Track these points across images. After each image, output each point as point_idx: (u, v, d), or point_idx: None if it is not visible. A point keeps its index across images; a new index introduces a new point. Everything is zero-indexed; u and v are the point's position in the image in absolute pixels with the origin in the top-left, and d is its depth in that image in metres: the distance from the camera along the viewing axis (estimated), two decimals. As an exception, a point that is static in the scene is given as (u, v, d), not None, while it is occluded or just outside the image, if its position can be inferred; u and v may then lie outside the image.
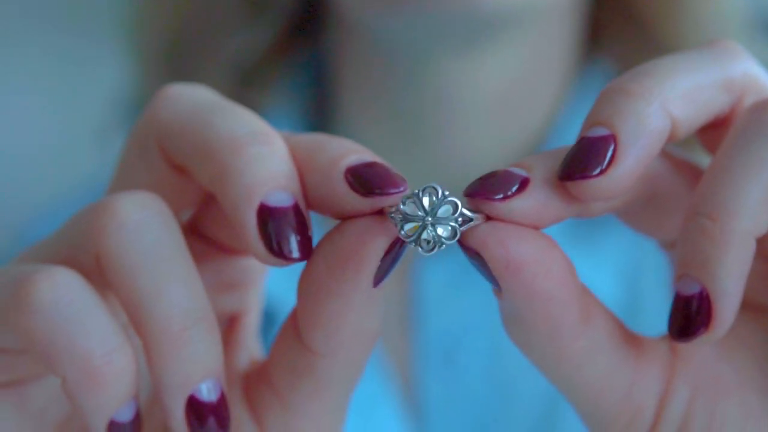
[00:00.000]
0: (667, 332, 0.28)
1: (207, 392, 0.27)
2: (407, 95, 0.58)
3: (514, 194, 0.26)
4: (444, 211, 0.26)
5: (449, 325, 0.57)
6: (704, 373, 0.29)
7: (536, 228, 0.26)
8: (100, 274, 0.27)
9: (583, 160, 0.26)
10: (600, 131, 0.26)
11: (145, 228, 0.27)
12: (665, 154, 0.29)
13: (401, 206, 0.26)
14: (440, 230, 0.26)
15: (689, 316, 0.26)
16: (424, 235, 0.26)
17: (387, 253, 0.26)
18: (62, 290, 0.26)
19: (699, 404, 0.28)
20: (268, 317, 0.52)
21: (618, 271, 0.58)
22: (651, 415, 0.28)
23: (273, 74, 0.63)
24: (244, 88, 0.62)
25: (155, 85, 0.63)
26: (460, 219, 0.26)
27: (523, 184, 0.26)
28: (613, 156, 0.26)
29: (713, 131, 0.29)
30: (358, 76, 0.61)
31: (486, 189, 0.26)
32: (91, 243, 0.27)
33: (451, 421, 0.56)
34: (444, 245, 0.26)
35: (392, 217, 0.26)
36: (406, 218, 0.25)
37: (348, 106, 0.62)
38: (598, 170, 0.26)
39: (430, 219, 0.26)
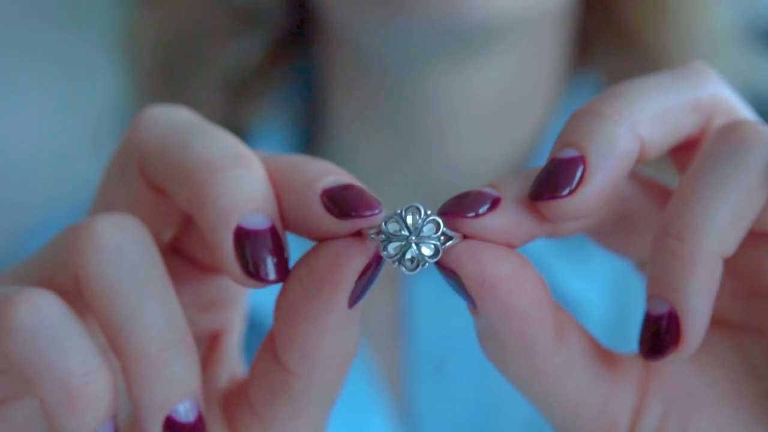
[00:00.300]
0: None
1: (185, 413, 0.27)
2: (397, 107, 0.58)
3: (485, 213, 0.26)
4: (427, 230, 0.26)
5: (440, 334, 0.57)
6: (677, 388, 0.29)
7: (510, 247, 0.26)
8: (79, 296, 0.27)
9: (552, 181, 0.26)
10: (569, 152, 0.26)
11: (124, 250, 0.27)
12: (635, 175, 0.30)
13: (384, 226, 0.26)
14: (424, 249, 0.26)
15: (659, 335, 0.27)
16: (408, 254, 0.26)
17: (362, 274, 0.26)
18: (42, 312, 0.26)
19: (672, 419, 0.29)
20: (254, 327, 0.52)
21: (607, 284, 0.58)
22: (625, 431, 0.29)
23: (264, 86, 0.63)
24: (235, 100, 0.62)
25: (147, 97, 0.64)
26: (442, 237, 0.26)
27: (495, 203, 0.26)
28: (582, 177, 0.26)
29: (684, 152, 0.29)
30: (348, 89, 0.61)
31: (459, 208, 0.26)
32: (70, 265, 0.27)
33: (442, 430, 0.56)
34: (426, 264, 0.26)
35: (374, 238, 0.26)
36: (390, 238, 0.26)
37: (339, 118, 0.62)
38: (567, 191, 0.26)
39: (413, 238, 0.26)
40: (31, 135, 0.85)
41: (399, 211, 0.26)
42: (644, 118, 0.27)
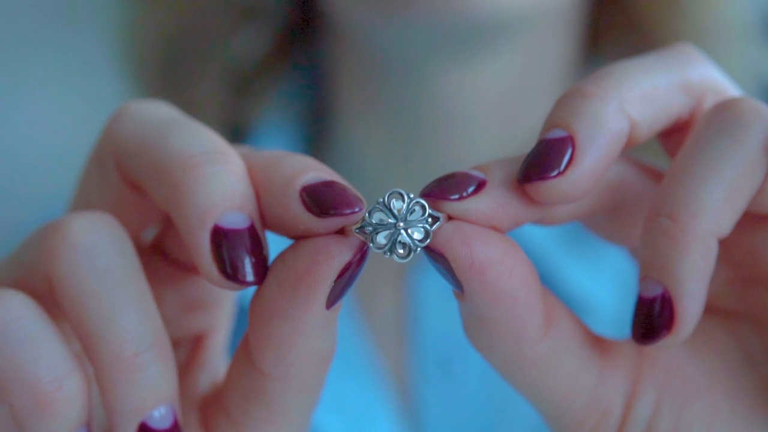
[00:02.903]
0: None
1: (160, 419, 0.26)
2: (403, 103, 0.58)
3: (470, 194, 0.25)
4: (413, 214, 0.25)
5: (445, 333, 0.56)
6: (671, 375, 0.28)
7: (499, 231, 0.26)
8: (52, 298, 0.27)
9: (541, 162, 0.25)
10: (558, 133, 0.26)
11: (98, 250, 0.26)
12: (632, 160, 0.29)
13: (368, 218, 0.25)
14: (414, 233, 0.25)
15: (652, 319, 0.26)
16: (400, 239, 0.25)
17: (342, 273, 0.25)
18: (12, 314, 0.26)
19: (666, 406, 0.28)
20: (245, 314, 0.52)
21: (617, 281, 0.57)
22: (618, 418, 0.28)
23: (268, 83, 0.63)
24: (238, 96, 0.62)
25: (150, 94, 0.64)
26: (429, 219, 0.25)
27: (480, 185, 0.26)
28: (571, 157, 0.25)
29: (675, 136, 0.29)
30: (354, 84, 0.60)
31: (443, 189, 0.25)
32: (43, 265, 0.26)
33: (447, 429, 0.55)
34: (418, 249, 0.25)
35: (359, 231, 0.25)
36: (377, 229, 0.25)
37: (344, 114, 0.62)
38: (555, 172, 0.25)
39: (402, 224, 0.25)
40: (39, 133, 0.85)
41: (381, 199, 0.25)
42: (632, 97, 0.26)
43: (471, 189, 0.25)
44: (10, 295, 0.26)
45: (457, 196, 0.25)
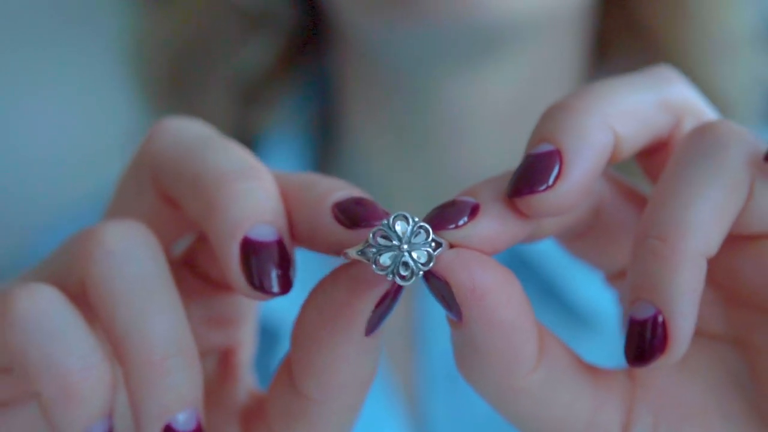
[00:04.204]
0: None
1: (184, 422, 0.27)
2: (411, 111, 0.58)
3: (466, 222, 0.26)
4: (417, 238, 0.25)
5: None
6: (665, 398, 0.28)
7: (495, 250, 0.26)
8: (84, 302, 0.27)
9: (530, 176, 0.26)
10: (545, 147, 0.26)
11: (131, 256, 0.27)
12: (612, 179, 0.29)
13: (371, 239, 0.25)
14: (417, 256, 0.25)
15: (644, 341, 0.26)
16: (404, 260, 0.25)
17: (380, 302, 0.26)
18: (41, 304, 0.26)
19: (662, 429, 0.28)
20: (268, 334, 0.52)
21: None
22: None
23: (276, 92, 0.63)
24: (246, 105, 0.62)
25: (158, 103, 0.64)
26: (432, 244, 0.25)
27: (474, 210, 0.26)
28: (559, 171, 0.26)
29: (654, 157, 0.29)
30: (361, 92, 0.60)
31: (440, 219, 0.26)
32: (77, 269, 0.27)
33: (457, 442, 0.55)
34: (420, 273, 0.25)
35: (363, 252, 0.25)
36: (381, 250, 0.25)
37: (352, 122, 0.62)
38: (545, 186, 0.26)
39: (406, 246, 0.25)
40: (47, 138, 0.86)
41: (386, 222, 0.25)
42: (616, 112, 0.27)
43: (466, 217, 0.26)
44: (42, 288, 0.27)
45: (453, 226, 0.26)
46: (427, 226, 0.26)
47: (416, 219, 0.26)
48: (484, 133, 0.58)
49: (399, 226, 0.25)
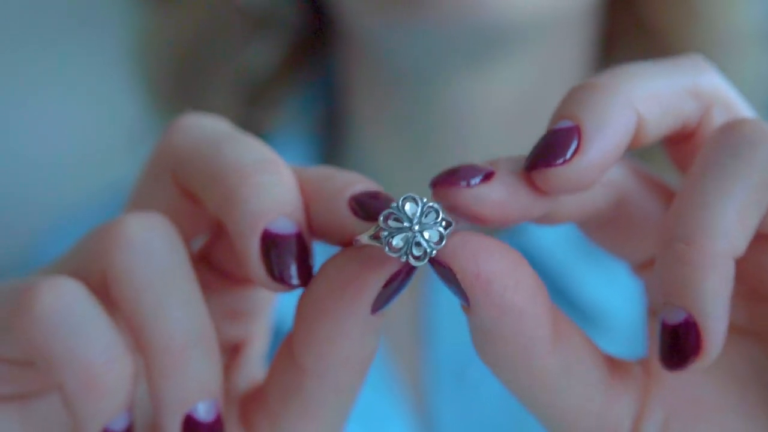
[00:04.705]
0: (643, 357, 0.27)
1: (204, 412, 0.27)
2: (415, 110, 0.58)
3: (478, 183, 0.26)
4: (427, 218, 0.25)
5: (461, 341, 0.56)
6: (680, 394, 0.28)
7: (505, 219, 0.26)
8: (106, 294, 0.28)
9: (547, 150, 0.26)
10: (565, 123, 0.26)
11: (152, 248, 0.27)
12: (636, 170, 0.29)
13: (381, 223, 0.25)
14: (429, 235, 0.25)
15: (679, 345, 0.26)
16: (416, 241, 0.25)
17: (389, 282, 0.26)
18: (65, 298, 0.27)
19: (675, 426, 0.28)
20: (279, 337, 0.52)
21: (632, 290, 0.57)
22: None
23: (281, 92, 0.63)
24: (252, 106, 0.62)
25: (163, 103, 0.64)
26: (443, 223, 0.25)
27: (488, 175, 0.26)
28: (577, 146, 0.25)
29: (681, 145, 0.29)
30: (366, 92, 0.61)
31: (453, 175, 0.26)
32: (98, 261, 0.27)
33: (463, 439, 0.55)
34: (433, 251, 0.25)
35: (373, 237, 0.26)
36: (393, 232, 0.25)
37: (357, 122, 0.62)
38: (561, 160, 0.25)
39: (417, 227, 0.25)
40: (52, 138, 0.86)
41: (395, 204, 0.26)
42: (641, 93, 0.26)
43: (479, 178, 0.26)
44: (64, 281, 0.27)
45: (465, 183, 0.26)
46: (437, 206, 0.26)
47: (425, 199, 0.26)
48: (489, 132, 0.58)
49: (408, 207, 0.25)
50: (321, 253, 0.28)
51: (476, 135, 0.58)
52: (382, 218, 0.25)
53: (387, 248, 0.25)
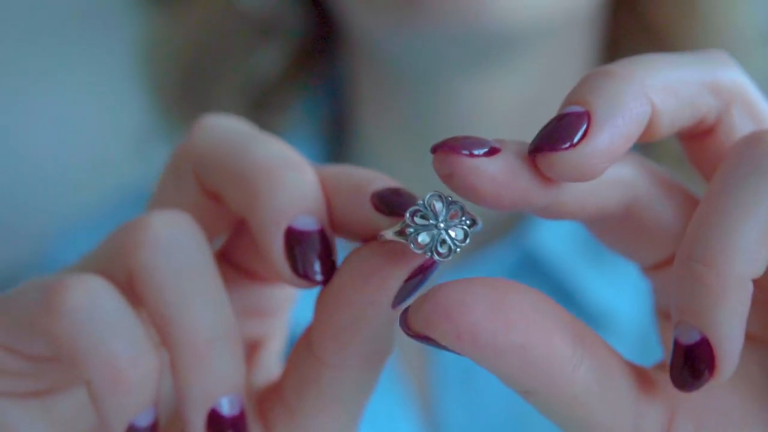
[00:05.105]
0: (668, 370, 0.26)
1: (228, 407, 0.27)
2: (420, 112, 0.58)
3: (482, 155, 0.24)
4: (453, 214, 0.26)
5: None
6: (708, 407, 0.27)
7: (501, 207, 0.25)
8: (131, 290, 0.28)
9: (554, 134, 0.24)
10: (575, 108, 0.25)
11: (177, 245, 0.28)
12: (650, 170, 0.28)
13: (408, 219, 0.25)
14: (453, 233, 0.25)
15: (692, 365, 0.25)
16: (442, 238, 0.25)
17: (411, 276, 0.26)
18: (92, 294, 0.27)
19: None
20: (296, 339, 0.52)
21: (638, 294, 0.57)
22: None
23: (288, 96, 0.63)
24: (258, 110, 0.62)
25: (170, 108, 0.64)
26: (468, 221, 0.25)
27: (493, 150, 0.25)
28: (585, 132, 0.24)
29: (698, 142, 0.28)
30: (371, 95, 0.61)
31: (456, 143, 0.25)
32: (124, 257, 0.28)
33: (469, 442, 0.55)
34: (458, 249, 0.25)
35: (398, 233, 0.25)
36: (419, 229, 0.25)
37: (363, 125, 0.62)
38: (567, 144, 0.24)
39: (443, 224, 0.25)
40: (68, 142, 0.86)
41: (421, 201, 0.25)
42: (657, 84, 0.25)
43: (483, 151, 0.25)
44: (91, 278, 0.27)
45: (467, 152, 0.24)
46: (462, 203, 0.25)
47: (450, 197, 0.25)
48: (493, 134, 0.57)
49: (436, 205, 0.25)
50: (342, 250, 0.28)
51: (481, 136, 0.58)
52: (408, 215, 0.25)
53: (413, 245, 0.25)
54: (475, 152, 0.24)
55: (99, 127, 0.84)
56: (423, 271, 0.26)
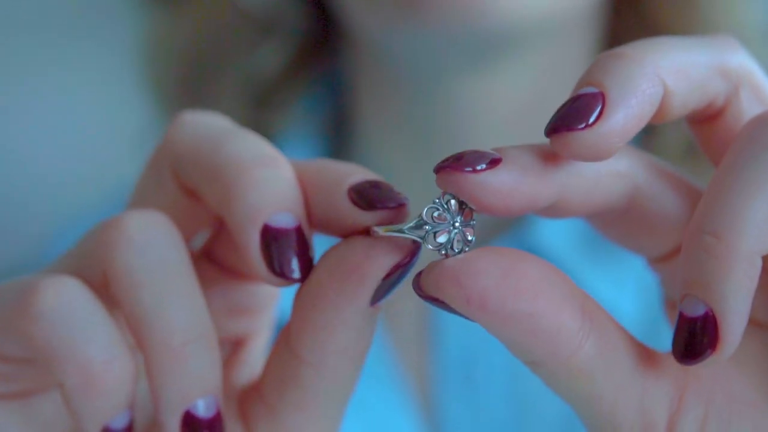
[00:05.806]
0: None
1: (204, 409, 0.27)
2: (420, 112, 0.58)
3: (484, 169, 0.25)
4: (463, 217, 0.26)
5: (468, 341, 0.56)
6: (717, 389, 0.27)
7: (508, 213, 0.25)
8: (107, 291, 0.28)
9: (570, 115, 0.25)
10: (589, 89, 0.25)
11: (152, 245, 0.27)
12: (652, 164, 0.29)
13: (425, 216, 0.25)
14: (468, 233, 0.25)
15: (694, 338, 0.25)
16: (458, 237, 0.25)
17: (390, 273, 0.26)
18: (66, 297, 0.27)
19: (713, 422, 0.27)
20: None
21: (639, 291, 0.57)
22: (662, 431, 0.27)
23: (289, 95, 0.63)
24: (259, 108, 0.62)
25: (171, 106, 0.64)
26: (474, 222, 0.26)
27: (494, 162, 0.25)
28: (601, 112, 0.25)
29: (706, 125, 0.28)
30: (372, 93, 0.61)
31: (459, 161, 0.25)
32: (99, 258, 0.28)
33: (470, 440, 0.55)
34: (468, 248, 0.25)
35: (412, 229, 0.25)
36: (436, 228, 0.25)
37: (364, 123, 0.62)
38: (584, 124, 0.25)
39: (458, 223, 0.25)
40: (70, 140, 0.86)
41: (438, 199, 0.26)
42: (669, 66, 0.26)
43: (484, 164, 0.25)
44: (65, 279, 0.27)
45: (470, 169, 0.25)
46: (472, 206, 0.25)
47: (461, 200, 0.26)
48: (494, 132, 0.58)
49: (453, 203, 0.25)
50: (320, 245, 0.28)
51: (480, 135, 0.58)
52: (425, 212, 0.25)
53: (429, 244, 0.25)
54: (478, 167, 0.25)
55: (99, 126, 0.84)
56: (401, 268, 0.26)
